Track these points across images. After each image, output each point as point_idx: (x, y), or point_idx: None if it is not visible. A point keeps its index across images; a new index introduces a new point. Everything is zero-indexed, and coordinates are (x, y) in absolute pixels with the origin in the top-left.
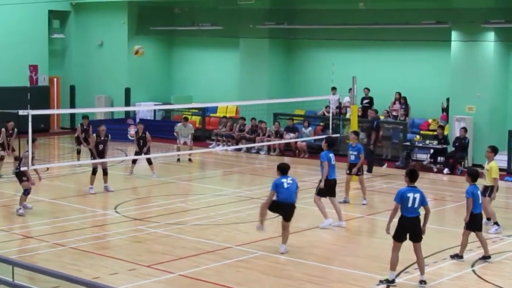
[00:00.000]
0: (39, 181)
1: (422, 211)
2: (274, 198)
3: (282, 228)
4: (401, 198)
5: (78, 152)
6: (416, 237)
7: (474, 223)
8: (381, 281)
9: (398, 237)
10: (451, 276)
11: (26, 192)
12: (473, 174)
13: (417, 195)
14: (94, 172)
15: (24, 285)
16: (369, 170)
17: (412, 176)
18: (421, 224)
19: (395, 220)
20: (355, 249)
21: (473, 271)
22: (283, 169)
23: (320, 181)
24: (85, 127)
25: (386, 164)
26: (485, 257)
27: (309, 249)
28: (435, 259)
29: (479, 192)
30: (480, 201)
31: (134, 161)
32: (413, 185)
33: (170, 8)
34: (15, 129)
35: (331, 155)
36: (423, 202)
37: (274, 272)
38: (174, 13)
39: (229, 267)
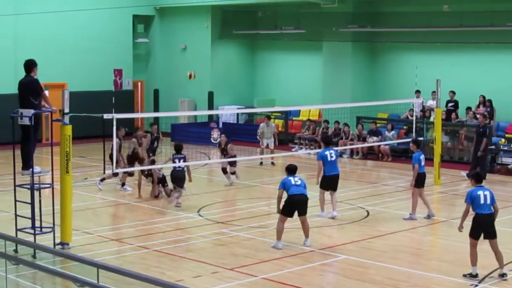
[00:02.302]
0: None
1: None
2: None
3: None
4: (471, 198)
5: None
6: (492, 234)
7: None
8: (464, 275)
9: (474, 235)
10: None
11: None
12: None
13: (487, 192)
14: None
15: (109, 287)
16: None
17: (478, 177)
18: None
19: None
20: (439, 253)
21: None
22: (290, 170)
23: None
24: (156, 135)
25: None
26: None
27: (393, 253)
28: None
29: None
30: None
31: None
32: (481, 185)
33: (253, 12)
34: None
35: (328, 152)
36: (492, 199)
37: (357, 275)
38: (257, 17)
39: (312, 270)
